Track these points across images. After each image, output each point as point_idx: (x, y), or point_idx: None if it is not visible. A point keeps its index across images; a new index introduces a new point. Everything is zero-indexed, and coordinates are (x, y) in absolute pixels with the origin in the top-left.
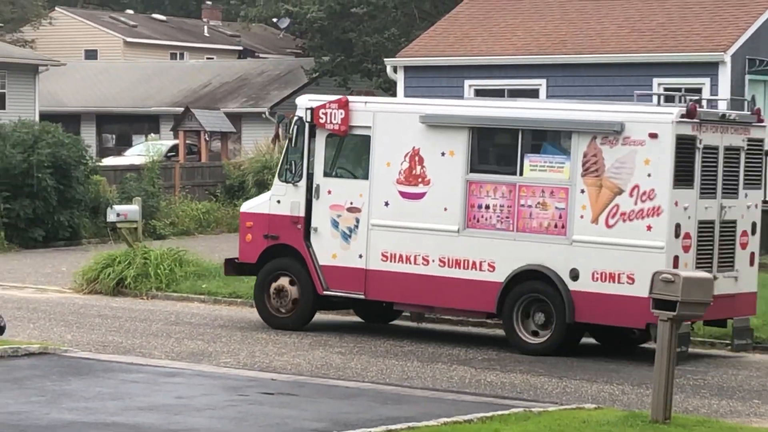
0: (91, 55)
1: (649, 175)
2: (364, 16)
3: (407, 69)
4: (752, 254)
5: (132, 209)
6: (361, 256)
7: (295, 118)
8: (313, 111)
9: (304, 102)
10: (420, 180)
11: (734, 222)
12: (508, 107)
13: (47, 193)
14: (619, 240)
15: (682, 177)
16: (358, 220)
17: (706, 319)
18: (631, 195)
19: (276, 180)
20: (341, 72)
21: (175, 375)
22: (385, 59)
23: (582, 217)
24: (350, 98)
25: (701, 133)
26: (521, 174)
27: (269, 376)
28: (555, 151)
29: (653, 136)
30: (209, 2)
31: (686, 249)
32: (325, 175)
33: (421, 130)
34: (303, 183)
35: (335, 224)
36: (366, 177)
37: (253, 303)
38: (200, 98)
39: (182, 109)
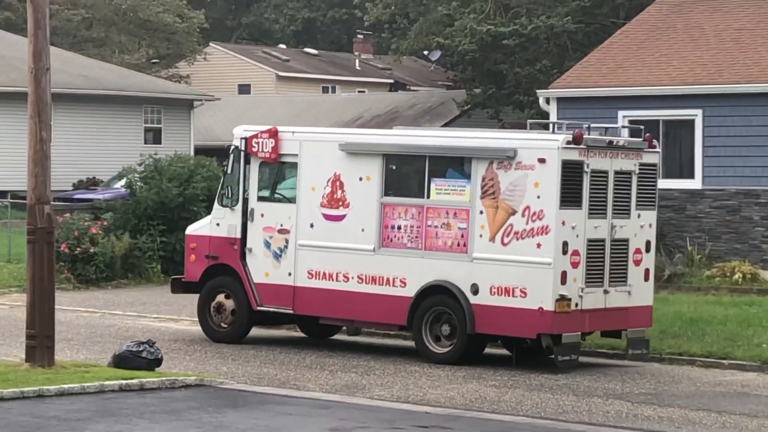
0: (244, 89)
1: (538, 197)
2: (516, 47)
3: (560, 100)
4: (647, 270)
5: None
6: (290, 274)
7: (232, 146)
8: (247, 140)
9: (240, 132)
10: (341, 203)
11: (626, 240)
12: (416, 136)
13: None
14: (513, 257)
15: (570, 198)
16: (287, 241)
17: (601, 330)
18: (523, 215)
19: (216, 204)
20: (493, 104)
21: (328, 407)
22: (537, 91)
23: (481, 236)
24: (279, 128)
25: (588, 158)
26: (428, 197)
27: (423, 409)
28: (457, 176)
29: (542, 161)
30: (361, 36)
31: (575, 265)
32: (259, 199)
33: (341, 157)
34: (239, 207)
35: (267, 245)
36: (294, 201)
37: (407, 335)
38: None
39: None
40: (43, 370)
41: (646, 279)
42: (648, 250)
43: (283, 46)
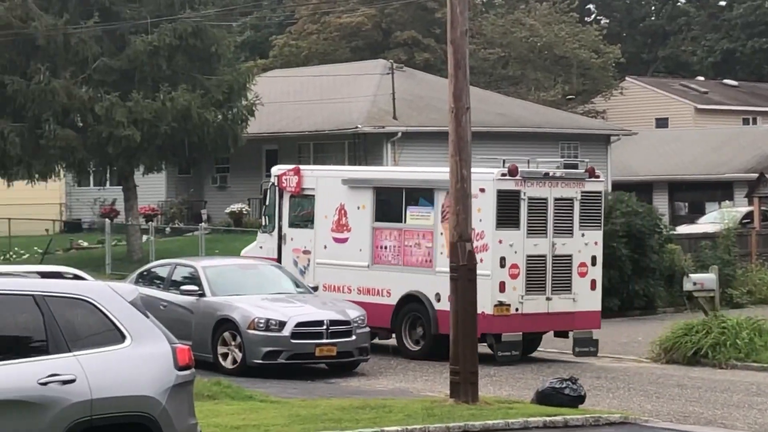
0: (661, 123)
1: (480, 220)
2: None
3: None
4: (593, 281)
5: (708, 278)
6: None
7: (270, 183)
8: (279, 177)
9: (274, 170)
10: (345, 228)
11: (570, 255)
12: (395, 171)
13: (622, 263)
14: None
15: (506, 221)
16: (309, 260)
17: (545, 330)
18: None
19: (259, 231)
20: None
21: None
22: None
23: (441, 253)
24: (301, 167)
25: (525, 187)
26: (405, 222)
27: None
28: (426, 204)
29: (482, 190)
30: None
31: (514, 276)
32: (289, 225)
33: (345, 190)
34: (275, 233)
35: (295, 263)
36: (312, 227)
37: None
38: None
39: (756, 175)
40: (467, 405)
41: (593, 288)
42: (594, 264)
43: (701, 78)
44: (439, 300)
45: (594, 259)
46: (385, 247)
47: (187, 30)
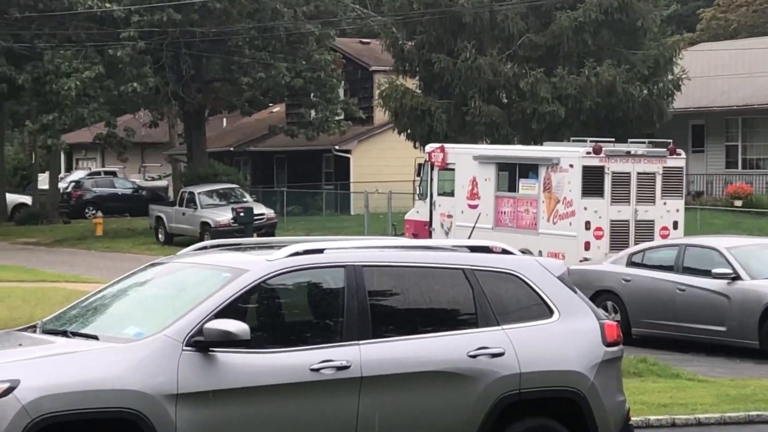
0: None
1: (570, 191)
2: None
3: None
4: None
5: None
6: None
7: (423, 160)
8: (429, 154)
9: (427, 148)
10: (476, 196)
11: (652, 220)
12: (511, 149)
13: None
14: (558, 231)
15: (591, 191)
16: (451, 223)
17: None
18: (563, 203)
19: (417, 199)
20: None
21: None
22: None
23: (544, 217)
24: (445, 145)
25: (609, 163)
26: (518, 191)
27: None
28: (533, 177)
29: (571, 165)
30: None
31: (598, 237)
32: (438, 194)
33: (476, 165)
34: (428, 200)
35: (442, 225)
36: (453, 195)
37: None
38: None
39: None
40: None
41: None
42: (675, 227)
43: None
44: (541, 256)
45: (675, 223)
46: (504, 213)
47: (612, 5)
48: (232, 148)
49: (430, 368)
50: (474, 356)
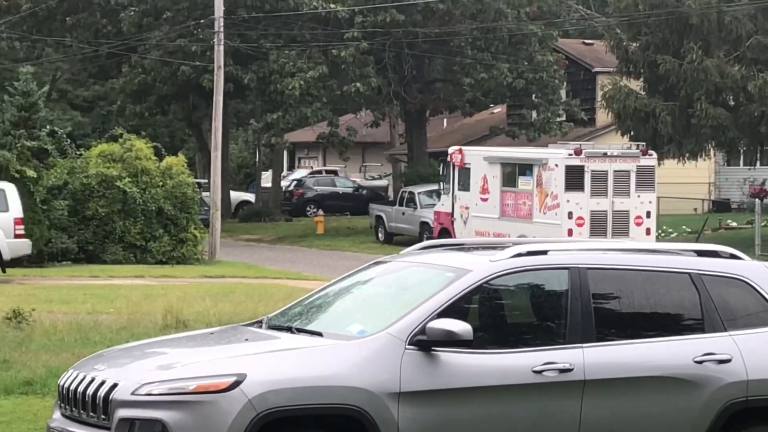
0: None
1: (556, 186)
2: None
3: None
4: (648, 229)
5: None
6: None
7: (446, 160)
8: (450, 155)
9: (450, 150)
10: (486, 191)
11: (627, 211)
12: (512, 151)
13: None
14: (547, 221)
15: (573, 186)
16: (468, 213)
17: None
18: (550, 197)
19: (442, 193)
20: None
21: None
22: None
23: (536, 209)
24: (463, 148)
25: (588, 163)
26: (517, 187)
27: None
28: (529, 174)
29: (557, 165)
30: None
31: (580, 225)
32: (458, 189)
33: (486, 164)
34: (450, 194)
35: (461, 216)
36: (469, 190)
37: None
38: None
39: None
40: None
41: (648, 234)
42: (648, 216)
43: None
44: None
45: (648, 213)
46: (508, 204)
47: None
48: None
49: (655, 373)
50: (700, 362)
